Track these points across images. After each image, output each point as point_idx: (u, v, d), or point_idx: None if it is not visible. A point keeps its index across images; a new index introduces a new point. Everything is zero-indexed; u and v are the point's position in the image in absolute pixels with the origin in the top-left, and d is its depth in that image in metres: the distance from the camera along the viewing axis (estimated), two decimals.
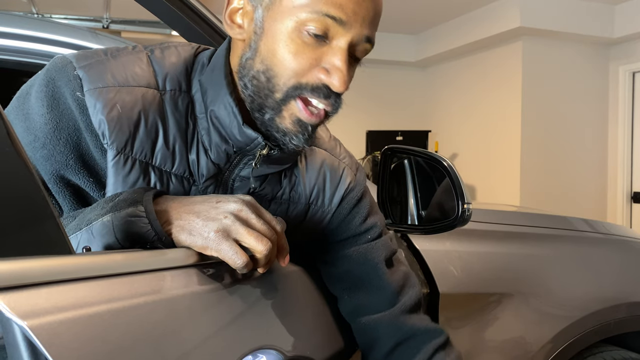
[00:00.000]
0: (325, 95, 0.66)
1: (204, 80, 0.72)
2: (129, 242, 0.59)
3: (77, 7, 4.67)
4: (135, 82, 0.69)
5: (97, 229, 0.59)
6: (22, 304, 0.39)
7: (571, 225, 1.51)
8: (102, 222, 0.59)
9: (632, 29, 4.87)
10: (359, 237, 0.84)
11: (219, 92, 0.70)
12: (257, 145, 0.70)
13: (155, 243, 0.59)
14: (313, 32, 0.64)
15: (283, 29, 0.64)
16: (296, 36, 0.64)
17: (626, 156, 5.23)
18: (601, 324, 1.36)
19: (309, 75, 0.65)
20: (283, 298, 0.72)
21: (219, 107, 0.69)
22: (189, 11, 1.13)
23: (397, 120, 6.42)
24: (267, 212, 0.64)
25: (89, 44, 1.18)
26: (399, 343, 0.81)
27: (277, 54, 0.65)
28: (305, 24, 0.63)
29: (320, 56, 0.65)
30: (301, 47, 0.65)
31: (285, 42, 0.65)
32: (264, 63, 0.66)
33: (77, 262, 0.45)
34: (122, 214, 0.58)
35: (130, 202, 0.59)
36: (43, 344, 0.38)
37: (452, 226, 1.05)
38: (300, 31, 0.64)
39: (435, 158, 1.10)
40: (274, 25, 0.65)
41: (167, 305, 0.53)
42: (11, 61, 1.15)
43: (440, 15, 5.45)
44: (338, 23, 0.63)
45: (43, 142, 0.67)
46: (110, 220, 0.59)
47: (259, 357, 0.60)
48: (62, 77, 0.67)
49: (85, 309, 0.43)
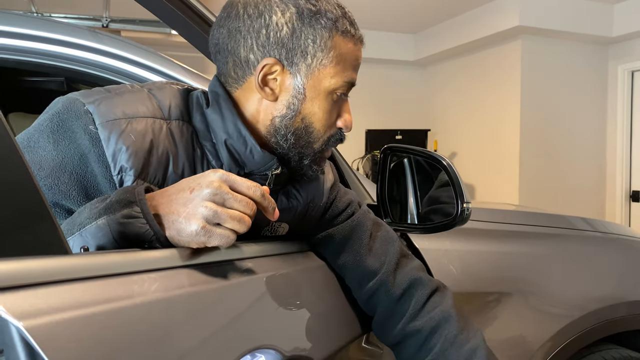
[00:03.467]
0: (343, 138, 0.86)
1: (209, 113, 0.80)
2: (127, 243, 0.59)
3: (77, 6, 4.66)
4: (143, 114, 0.75)
5: (92, 232, 0.59)
6: (18, 304, 0.38)
7: (570, 224, 1.51)
8: (96, 225, 0.59)
9: (631, 27, 4.87)
10: (341, 214, 0.99)
11: (230, 125, 0.79)
12: (271, 167, 0.81)
13: (154, 243, 0.59)
14: (342, 94, 0.81)
15: (322, 94, 0.80)
16: (331, 98, 0.80)
17: (625, 155, 5.23)
18: (601, 323, 1.36)
19: (334, 126, 0.84)
20: (282, 298, 0.72)
21: (233, 139, 0.78)
22: (188, 10, 1.13)
23: (396, 119, 6.41)
24: (242, 180, 0.65)
25: (89, 43, 1.18)
26: (398, 297, 0.91)
27: (317, 114, 0.80)
28: (337, 90, 0.80)
29: (339, 109, 0.84)
30: (332, 105, 0.81)
31: (323, 104, 0.80)
32: (304, 122, 0.80)
33: (73, 263, 0.45)
34: (118, 216, 0.59)
35: (124, 203, 0.60)
36: (39, 345, 0.38)
37: (452, 225, 1.05)
38: (333, 94, 0.80)
39: (434, 157, 1.10)
40: (313, 91, 0.79)
41: (165, 305, 0.53)
42: (11, 60, 1.14)
43: (439, 14, 5.45)
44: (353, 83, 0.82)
45: (48, 173, 0.69)
46: (105, 223, 0.59)
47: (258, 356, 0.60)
48: (71, 114, 0.71)
49: (82, 310, 0.43)
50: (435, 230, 1.09)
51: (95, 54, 1.18)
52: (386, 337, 0.93)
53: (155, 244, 0.59)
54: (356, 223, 0.98)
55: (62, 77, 1.43)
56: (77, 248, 0.59)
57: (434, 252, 1.17)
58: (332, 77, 0.79)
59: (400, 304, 0.91)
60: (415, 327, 0.89)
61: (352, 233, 0.96)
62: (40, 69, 1.17)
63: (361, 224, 0.98)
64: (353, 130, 3.86)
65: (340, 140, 0.86)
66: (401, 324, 0.90)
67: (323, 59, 0.78)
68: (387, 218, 1.15)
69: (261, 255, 0.76)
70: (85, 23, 4.56)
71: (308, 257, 0.92)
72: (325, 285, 0.91)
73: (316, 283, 0.85)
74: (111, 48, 1.18)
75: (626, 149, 5.23)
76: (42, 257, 0.43)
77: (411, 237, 1.17)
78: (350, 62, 0.81)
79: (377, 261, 0.93)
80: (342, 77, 0.80)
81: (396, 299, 0.91)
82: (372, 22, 5.63)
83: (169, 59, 1.24)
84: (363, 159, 5.92)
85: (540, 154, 5.08)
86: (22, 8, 4.32)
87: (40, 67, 1.17)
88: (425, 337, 0.88)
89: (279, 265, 0.78)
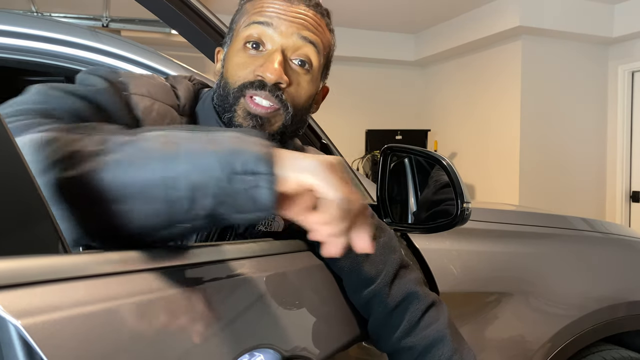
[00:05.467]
0: (260, 86, 0.79)
1: (198, 111, 0.88)
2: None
3: (77, 6, 4.66)
4: (165, 100, 0.82)
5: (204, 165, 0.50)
6: (16, 303, 0.38)
7: (570, 224, 1.51)
8: (228, 136, 0.52)
9: (631, 28, 4.87)
10: None
11: (211, 119, 0.85)
12: None
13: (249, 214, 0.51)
14: (251, 42, 0.81)
15: (234, 50, 0.84)
16: (242, 51, 0.82)
17: (625, 155, 5.23)
18: (600, 323, 1.36)
19: (250, 76, 0.81)
20: (281, 297, 0.72)
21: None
22: (188, 10, 1.13)
23: (396, 119, 6.41)
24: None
25: (89, 43, 1.18)
26: (392, 309, 0.89)
27: (229, 69, 0.83)
28: (245, 40, 0.82)
29: (260, 62, 0.81)
30: (245, 58, 0.82)
31: (234, 58, 0.83)
32: (222, 78, 0.84)
33: (72, 261, 0.45)
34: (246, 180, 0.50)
35: (254, 133, 0.54)
36: (38, 344, 0.38)
37: (452, 225, 1.04)
38: (244, 47, 0.82)
39: (434, 157, 1.10)
40: (230, 52, 0.85)
41: (163, 304, 0.52)
42: (11, 60, 1.14)
43: (439, 14, 5.45)
44: (265, 26, 0.80)
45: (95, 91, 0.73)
46: (239, 137, 0.53)
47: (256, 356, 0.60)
48: (109, 77, 0.77)
49: (81, 308, 0.43)
50: (435, 230, 1.09)
51: (95, 53, 1.18)
52: (379, 345, 0.92)
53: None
54: None
55: (62, 77, 1.43)
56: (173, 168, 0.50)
57: (434, 252, 1.17)
58: (237, 32, 0.85)
59: (394, 317, 0.89)
60: (408, 344, 0.87)
61: None
62: (40, 68, 1.17)
63: None
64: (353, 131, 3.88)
65: (258, 87, 0.79)
66: (394, 337, 0.88)
67: (234, 25, 0.87)
68: (387, 218, 1.15)
69: (260, 255, 0.75)
70: (85, 22, 4.56)
71: (308, 257, 0.92)
72: (325, 284, 0.91)
73: (316, 282, 0.85)
74: (111, 47, 1.18)
75: (626, 149, 5.23)
76: (40, 256, 0.43)
77: (411, 237, 1.17)
78: (254, 10, 0.83)
79: (374, 269, 0.91)
80: (244, 25, 0.83)
81: (390, 311, 0.89)
82: (372, 22, 5.63)
83: (169, 59, 1.24)
84: (363, 159, 5.92)
85: (540, 155, 5.08)
86: (22, 7, 4.33)
87: (40, 66, 1.17)
88: (418, 354, 0.87)
89: (278, 264, 0.78)
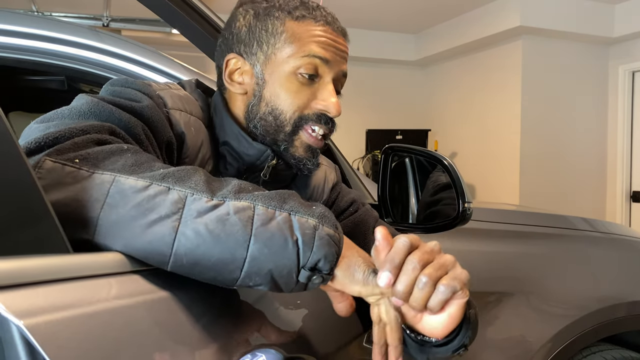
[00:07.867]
0: (324, 122, 0.83)
1: (214, 119, 0.87)
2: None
3: (77, 5, 4.66)
4: (196, 113, 0.83)
5: (302, 226, 0.55)
6: (18, 303, 0.38)
7: (571, 224, 1.51)
8: (308, 222, 0.55)
9: (631, 28, 4.87)
10: (345, 212, 1.00)
11: (225, 125, 0.85)
12: (267, 157, 0.84)
13: (320, 273, 0.56)
14: (306, 73, 0.81)
15: (282, 74, 0.82)
16: (293, 78, 0.81)
17: (625, 155, 5.23)
18: (601, 323, 1.35)
19: (308, 108, 0.82)
20: (282, 296, 0.72)
21: (230, 138, 0.84)
22: (189, 9, 1.13)
23: (396, 119, 6.41)
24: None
25: (90, 42, 1.18)
26: None
27: (282, 95, 0.82)
28: (299, 69, 0.81)
29: (315, 92, 0.83)
30: (299, 86, 0.82)
31: (285, 85, 0.82)
32: (268, 105, 0.83)
33: (74, 261, 0.45)
34: (327, 231, 0.56)
35: (332, 222, 0.57)
36: (40, 343, 0.38)
37: (453, 225, 1.04)
38: (297, 75, 0.81)
39: (435, 157, 1.10)
40: (273, 76, 0.83)
41: (166, 304, 0.52)
42: (11, 59, 1.14)
43: (440, 14, 5.45)
44: (324, 62, 0.82)
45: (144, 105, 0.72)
46: (316, 226, 0.55)
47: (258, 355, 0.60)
48: (147, 91, 0.76)
49: (83, 308, 0.43)
50: (436, 230, 1.09)
51: (96, 52, 1.18)
52: None
53: (316, 276, 0.55)
54: (359, 220, 0.98)
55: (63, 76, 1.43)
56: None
57: None
58: (289, 57, 0.82)
59: None
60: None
61: (355, 230, 0.96)
62: (41, 67, 1.17)
63: (364, 221, 0.98)
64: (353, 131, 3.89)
65: (318, 122, 0.83)
66: None
67: (277, 43, 0.83)
68: (389, 218, 1.14)
69: None
70: (85, 22, 4.55)
71: None
72: None
73: None
74: (112, 47, 1.18)
75: (627, 149, 5.23)
76: (42, 256, 0.43)
77: None
78: (308, 39, 0.82)
79: None
80: (300, 54, 0.81)
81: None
82: (372, 22, 5.63)
83: (169, 58, 1.24)
84: (363, 159, 5.93)
85: (540, 154, 5.08)
86: (22, 7, 4.33)
87: (40, 65, 1.17)
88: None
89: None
